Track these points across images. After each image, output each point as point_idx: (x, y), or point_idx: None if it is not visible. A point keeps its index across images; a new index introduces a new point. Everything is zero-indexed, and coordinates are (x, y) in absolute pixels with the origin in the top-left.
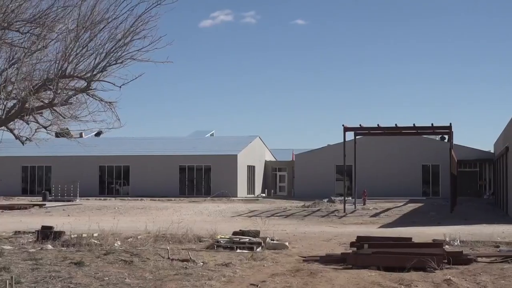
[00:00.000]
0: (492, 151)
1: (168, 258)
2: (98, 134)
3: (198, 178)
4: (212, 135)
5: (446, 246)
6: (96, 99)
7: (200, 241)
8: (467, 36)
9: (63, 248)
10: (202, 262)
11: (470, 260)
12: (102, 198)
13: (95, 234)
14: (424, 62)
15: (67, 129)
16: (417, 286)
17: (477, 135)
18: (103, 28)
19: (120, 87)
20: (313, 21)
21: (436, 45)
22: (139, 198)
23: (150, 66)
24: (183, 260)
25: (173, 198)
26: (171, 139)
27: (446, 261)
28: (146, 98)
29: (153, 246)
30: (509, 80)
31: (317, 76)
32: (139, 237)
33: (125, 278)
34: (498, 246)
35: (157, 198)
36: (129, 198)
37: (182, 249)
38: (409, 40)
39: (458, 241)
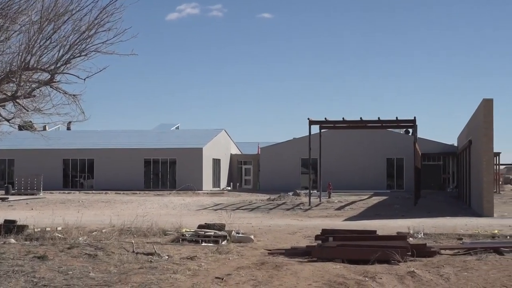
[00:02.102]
0: (456, 144)
1: (133, 251)
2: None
3: (163, 172)
4: (177, 128)
5: (410, 238)
6: (60, 92)
7: (165, 235)
8: (430, 29)
9: (26, 242)
10: (167, 255)
11: (434, 252)
12: (66, 192)
13: (59, 228)
14: (388, 56)
15: (31, 122)
16: (381, 278)
17: (441, 129)
18: (67, 20)
19: (84, 79)
20: (280, 14)
21: (400, 39)
22: (104, 192)
23: (115, 58)
24: (148, 254)
25: (138, 192)
26: (136, 132)
27: (410, 253)
28: (111, 91)
29: (118, 239)
30: (473, 74)
31: (282, 69)
32: (103, 230)
33: (90, 272)
34: (461, 239)
35: (122, 192)
36: (93, 191)
37: (147, 242)
38: (374, 33)
39: (422, 234)
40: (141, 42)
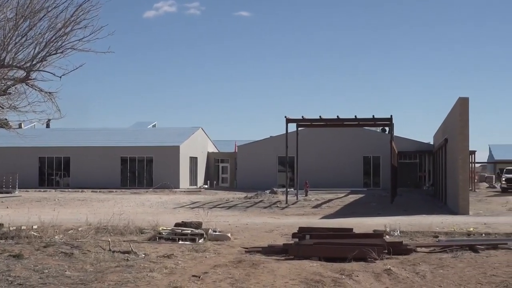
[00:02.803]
0: (432, 142)
1: (109, 250)
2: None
3: (140, 170)
4: (154, 126)
5: (387, 236)
6: (36, 90)
7: (142, 233)
8: (406, 28)
9: (1, 240)
10: (144, 253)
11: (410, 250)
12: (42, 190)
13: (35, 226)
14: (365, 54)
15: (6, 119)
16: (358, 276)
17: (417, 127)
18: (43, 17)
19: (60, 77)
20: (257, 12)
21: (377, 38)
22: (80, 190)
23: (91, 56)
24: (124, 252)
25: (114, 190)
26: (113, 130)
27: (386, 251)
28: (88, 89)
29: (94, 238)
30: (449, 73)
31: (260, 67)
32: (79, 229)
33: (65, 271)
34: (437, 236)
35: (98, 190)
36: (69, 189)
37: (124, 241)
38: (349, 31)
39: (398, 232)
40: (117, 39)
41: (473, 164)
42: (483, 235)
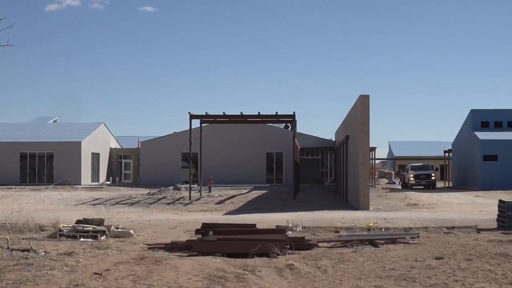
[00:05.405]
0: (334, 139)
1: (8, 248)
2: None
3: (40, 166)
4: (55, 121)
5: (289, 232)
6: None
7: (42, 230)
8: (307, 22)
9: None
10: (44, 251)
11: (312, 245)
12: None
13: None
14: (266, 49)
15: None
16: (260, 271)
17: (319, 124)
18: None
19: None
20: (162, 8)
21: (277, 32)
22: None
23: None
24: (23, 250)
25: (13, 186)
26: (11, 125)
27: (288, 246)
28: None
29: None
30: (350, 70)
31: (164, 63)
32: None
33: None
34: (338, 231)
35: None
36: None
37: (23, 238)
38: (253, 25)
39: (300, 227)
40: (18, 33)
41: (373, 161)
42: (383, 229)
